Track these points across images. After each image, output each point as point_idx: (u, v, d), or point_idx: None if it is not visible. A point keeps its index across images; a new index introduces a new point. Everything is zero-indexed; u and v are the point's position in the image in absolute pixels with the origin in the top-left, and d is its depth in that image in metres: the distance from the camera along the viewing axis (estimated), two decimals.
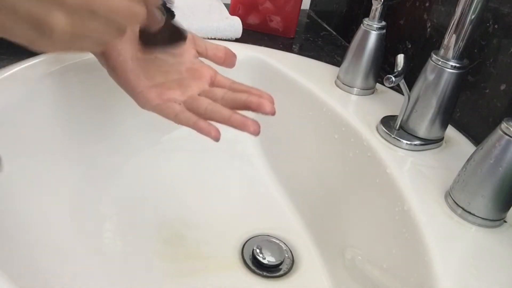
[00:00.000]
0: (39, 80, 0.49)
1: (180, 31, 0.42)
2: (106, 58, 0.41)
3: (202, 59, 0.46)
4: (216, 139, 0.39)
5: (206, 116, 0.40)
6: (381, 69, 0.58)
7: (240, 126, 0.38)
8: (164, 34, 0.40)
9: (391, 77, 0.44)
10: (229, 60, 0.47)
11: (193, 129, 0.39)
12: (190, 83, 0.42)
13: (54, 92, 0.51)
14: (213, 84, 0.43)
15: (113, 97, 0.57)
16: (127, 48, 0.41)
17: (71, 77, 0.52)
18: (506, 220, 0.40)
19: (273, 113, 0.39)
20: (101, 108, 0.56)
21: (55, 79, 0.50)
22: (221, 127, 0.40)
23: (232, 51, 0.47)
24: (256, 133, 0.38)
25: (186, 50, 0.44)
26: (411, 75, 0.48)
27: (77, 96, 0.53)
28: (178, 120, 0.40)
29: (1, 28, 0.26)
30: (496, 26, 0.47)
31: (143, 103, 0.41)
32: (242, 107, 0.40)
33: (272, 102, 0.39)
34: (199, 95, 0.42)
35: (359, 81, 0.57)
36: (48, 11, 0.25)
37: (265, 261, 0.52)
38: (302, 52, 0.71)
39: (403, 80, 0.46)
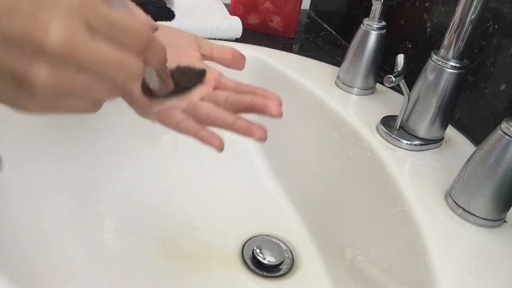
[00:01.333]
0: None
1: (195, 74, 0.39)
2: None
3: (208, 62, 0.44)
4: (220, 149, 0.36)
5: (208, 122, 0.37)
6: (381, 69, 0.58)
7: (245, 132, 0.36)
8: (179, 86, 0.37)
9: (391, 77, 0.44)
10: (237, 62, 0.44)
11: (195, 139, 0.36)
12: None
13: None
14: (217, 86, 0.41)
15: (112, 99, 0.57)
16: None
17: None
18: (506, 220, 0.40)
19: (280, 115, 0.35)
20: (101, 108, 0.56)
21: None
22: None
23: (240, 52, 0.44)
24: (263, 139, 0.35)
25: (188, 53, 0.41)
26: (411, 75, 0.48)
27: None
28: (179, 129, 0.37)
29: None
30: (496, 26, 0.47)
31: (142, 111, 0.38)
32: (247, 110, 0.37)
33: (279, 104, 0.36)
34: (201, 99, 0.39)
35: (359, 81, 0.57)
36: (28, 64, 0.22)
37: (265, 261, 0.52)
38: (302, 52, 0.71)
39: (403, 80, 0.46)
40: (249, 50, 0.65)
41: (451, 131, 0.52)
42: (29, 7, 0.21)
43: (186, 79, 0.38)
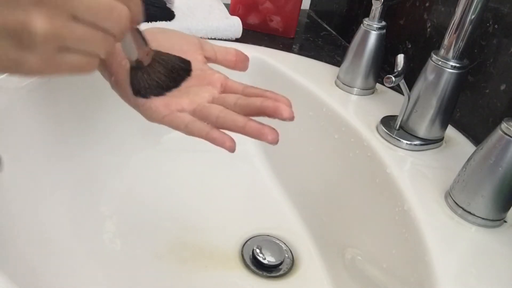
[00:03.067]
0: (37, 81, 0.49)
1: (182, 63, 0.38)
2: (108, 71, 0.39)
3: (212, 65, 0.43)
4: (231, 149, 0.35)
5: (218, 125, 0.36)
6: (381, 69, 0.58)
7: (256, 134, 0.35)
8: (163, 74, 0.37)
9: (391, 77, 0.44)
10: (241, 63, 0.43)
11: (206, 140, 0.35)
12: (199, 90, 0.39)
13: (54, 91, 0.51)
14: (224, 90, 0.40)
15: (112, 97, 0.57)
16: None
17: (72, 78, 0.52)
18: (506, 220, 0.40)
19: (291, 118, 0.35)
20: (100, 108, 0.56)
21: (56, 79, 0.50)
22: None
23: (244, 53, 0.44)
24: (275, 141, 0.35)
25: (193, 57, 0.41)
26: (411, 75, 0.48)
27: (77, 95, 0.53)
28: (188, 131, 0.36)
29: None
30: (496, 26, 0.47)
31: (150, 115, 0.38)
32: (257, 113, 0.36)
33: (290, 106, 0.35)
34: (210, 102, 0.38)
35: (359, 81, 0.57)
36: (26, 14, 0.23)
37: (265, 261, 0.52)
38: (302, 52, 0.71)
39: (403, 80, 0.46)
40: (249, 50, 0.65)
41: (451, 131, 0.52)
42: None
43: (170, 65, 0.37)
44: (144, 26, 0.36)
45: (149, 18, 0.63)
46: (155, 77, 0.37)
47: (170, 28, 0.43)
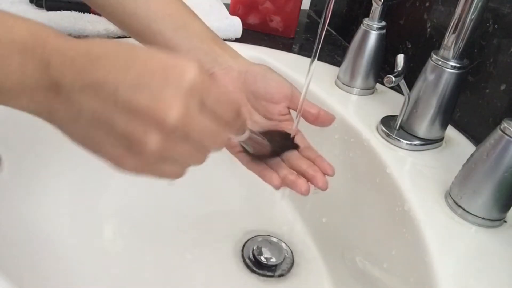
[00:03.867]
0: None
1: (287, 148, 0.43)
2: None
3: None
4: (277, 188, 0.41)
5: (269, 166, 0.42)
6: (381, 69, 0.58)
7: (291, 186, 0.40)
8: (273, 151, 0.41)
9: (391, 77, 0.44)
10: (321, 122, 0.46)
11: (258, 176, 0.42)
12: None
13: None
14: None
15: None
16: None
17: None
18: (506, 220, 0.40)
19: (325, 189, 0.41)
20: None
21: None
22: None
23: (327, 113, 0.45)
24: (306, 193, 0.40)
25: (277, 109, 0.44)
26: (411, 75, 0.48)
27: None
28: (249, 167, 0.43)
29: (89, 141, 0.27)
30: (496, 26, 0.47)
31: (226, 146, 0.42)
32: (299, 173, 0.41)
33: (331, 170, 0.42)
34: None
35: (359, 81, 0.57)
36: (145, 131, 0.25)
37: (265, 261, 0.52)
38: (302, 52, 0.71)
39: (403, 80, 0.46)
40: (249, 50, 0.65)
41: (451, 131, 0.52)
42: (156, 82, 0.25)
43: (278, 140, 0.42)
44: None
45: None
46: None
47: (272, 70, 0.45)
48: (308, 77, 0.42)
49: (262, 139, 0.39)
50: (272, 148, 0.40)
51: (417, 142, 0.48)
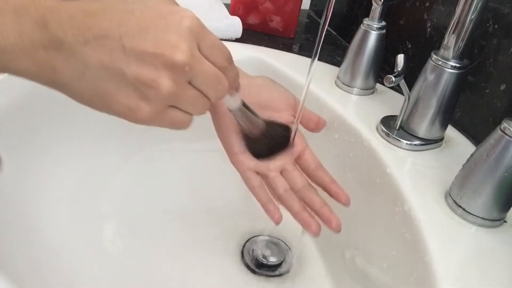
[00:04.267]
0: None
1: (285, 139, 0.43)
2: (214, 115, 0.43)
3: None
4: (276, 223, 0.42)
5: (279, 200, 0.43)
6: (381, 69, 0.58)
7: (303, 224, 0.42)
8: (268, 142, 0.41)
9: (391, 77, 0.44)
10: (318, 129, 0.48)
11: (262, 208, 0.43)
12: (278, 156, 0.44)
13: (54, 92, 0.51)
14: (300, 159, 0.45)
15: None
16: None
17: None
18: (506, 220, 0.40)
19: (338, 231, 0.41)
20: None
21: None
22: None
23: (324, 120, 0.48)
24: (316, 235, 0.41)
25: (284, 118, 0.44)
26: (411, 75, 0.48)
27: None
28: (253, 192, 0.44)
29: (99, 96, 0.27)
30: (496, 26, 0.47)
31: (234, 164, 0.44)
32: (313, 211, 0.42)
33: (346, 199, 0.43)
34: (282, 172, 0.44)
35: (359, 81, 0.57)
36: (157, 73, 0.26)
37: (265, 261, 0.52)
38: (302, 52, 0.71)
39: (403, 80, 0.46)
40: (249, 50, 0.65)
41: (451, 131, 0.52)
42: (158, 27, 0.26)
43: (275, 130, 0.42)
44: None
45: None
46: (260, 147, 0.42)
47: (274, 82, 0.46)
48: (308, 77, 0.42)
49: (255, 116, 0.39)
50: (266, 131, 0.40)
51: (417, 142, 0.48)
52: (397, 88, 0.59)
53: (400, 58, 0.46)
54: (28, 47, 0.26)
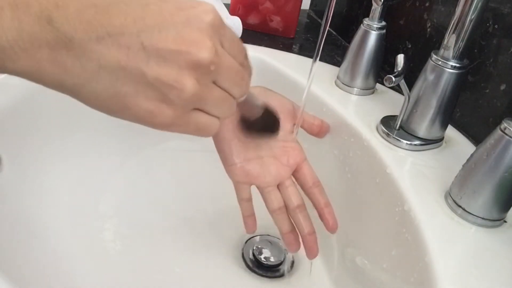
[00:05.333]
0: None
1: (277, 122, 0.43)
2: None
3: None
4: (248, 233, 0.47)
5: (271, 215, 0.44)
6: (381, 69, 0.58)
7: (286, 243, 0.44)
8: (262, 124, 0.41)
9: (391, 77, 0.44)
10: (322, 133, 0.49)
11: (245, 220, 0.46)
12: (275, 169, 0.44)
13: (54, 92, 0.51)
14: (297, 173, 0.45)
15: None
16: (229, 122, 0.42)
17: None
18: (506, 220, 0.40)
19: (314, 257, 0.45)
20: None
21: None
22: None
23: (327, 124, 0.49)
24: (293, 252, 0.45)
25: (283, 125, 0.44)
26: (411, 75, 0.48)
27: None
28: (240, 204, 0.45)
29: (116, 98, 0.25)
30: (496, 26, 0.47)
31: (230, 174, 0.44)
32: (300, 234, 0.44)
33: (334, 228, 0.45)
34: (279, 185, 0.44)
35: (359, 81, 0.57)
36: (180, 73, 0.24)
37: (265, 261, 0.52)
38: (302, 52, 0.71)
39: (403, 80, 0.46)
40: (249, 50, 0.65)
41: (451, 131, 0.52)
42: (178, 22, 0.24)
43: (270, 120, 0.41)
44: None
45: None
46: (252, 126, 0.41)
47: (270, 90, 0.46)
48: (310, 78, 0.42)
49: (256, 100, 0.38)
50: (262, 114, 0.40)
51: (417, 142, 0.48)
52: (397, 88, 0.59)
53: (400, 58, 0.46)
54: (29, 46, 0.23)
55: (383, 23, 0.55)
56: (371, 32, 0.55)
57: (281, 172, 0.44)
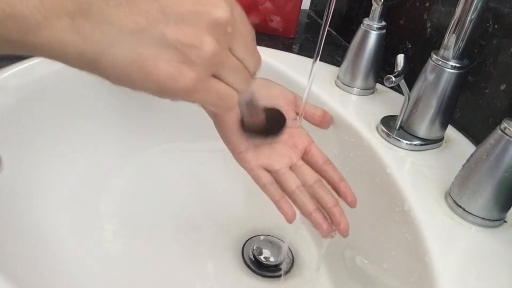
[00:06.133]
0: (38, 81, 0.49)
1: (281, 121, 0.42)
2: (213, 114, 0.42)
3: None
4: (290, 222, 0.41)
5: (290, 198, 0.41)
6: (381, 69, 0.58)
7: (316, 225, 0.41)
8: (266, 129, 0.41)
9: (391, 77, 0.44)
10: (325, 123, 0.48)
11: (274, 204, 0.41)
12: (283, 151, 0.43)
13: (53, 92, 0.51)
14: (307, 155, 0.44)
15: (112, 98, 0.57)
16: (234, 112, 0.41)
17: (71, 78, 0.52)
18: (506, 220, 0.40)
19: (345, 235, 0.41)
20: (100, 108, 0.56)
21: (55, 79, 0.51)
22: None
23: (330, 114, 0.48)
24: (326, 236, 0.40)
25: (286, 114, 0.43)
26: (411, 75, 0.48)
27: (77, 96, 0.53)
28: (264, 189, 0.42)
29: (137, 63, 0.25)
30: (496, 26, 0.47)
31: (241, 163, 0.42)
32: (324, 209, 0.41)
33: (354, 202, 0.42)
34: (291, 167, 0.43)
35: (359, 81, 0.57)
36: (199, 33, 0.25)
37: (265, 261, 0.52)
38: (302, 52, 0.71)
39: (403, 80, 0.46)
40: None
41: (451, 131, 0.52)
42: None
43: (273, 119, 0.41)
44: None
45: None
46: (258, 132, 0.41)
47: (271, 81, 0.46)
48: (310, 77, 0.42)
49: (259, 106, 0.38)
50: (266, 120, 0.40)
51: (417, 142, 0.48)
52: (397, 88, 0.59)
53: (400, 58, 0.46)
54: (50, 14, 0.23)
55: (383, 23, 0.55)
56: (371, 32, 0.55)
57: (291, 154, 0.43)
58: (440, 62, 0.45)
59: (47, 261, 0.44)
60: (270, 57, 0.64)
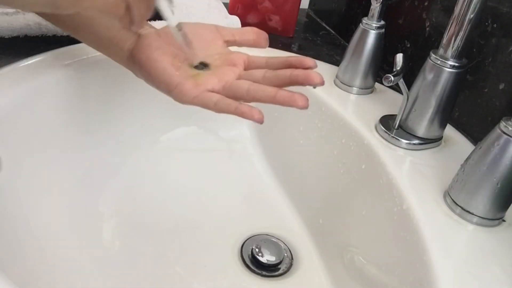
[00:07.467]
0: (39, 79, 0.49)
1: None
2: (138, 65, 0.41)
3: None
4: (260, 121, 0.35)
5: (249, 98, 0.37)
6: (380, 68, 0.58)
7: (288, 101, 0.35)
8: None
9: (390, 77, 0.44)
10: (261, 40, 0.45)
11: (235, 115, 0.36)
12: (225, 70, 0.41)
13: (53, 91, 0.51)
14: (248, 67, 0.42)
15: (111, 96, 0.57)
16: (153, 40, 0.41)
17: (71, 76, 0.52)
18: (505, 219, 0.40)
19: (322, 83, 0.36)
20: (99, 108, 0.56)
21: (54, 78, 0.50)
22: (220, 125, 0.39)
23: (261, 30, 0.45)
24: (305, 107, 0.35)
25: (212, 42, 0.43)
26: (410, 74, 0.48)
27: (76, 96, 0.53)
28: (218, 108, 0.37)
29: None
30: (495, 26, 0.47)
31: (180, 97, 0.39)
32: (288, 83, 0.37)
33: (316, 69, 0.37)
34: (237, 79, 0.40)
35: (358, 80, 0.57)
36: None
37: (264, 261, 0.52)
38: (301, 51, 0.71)
39: (402, 80, 0.46)
40: (248, 50, 0.65)
41: (450, 130, 0.52)
42: None
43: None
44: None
45: None
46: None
47: (189, 22, 0.44)
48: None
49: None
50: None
51: (416, 141, 0.48)
52: (396, 88, 0.59)
53: (399, 58, 0.46)
54: None
55: (382, 22, 0.55)
56: (370, 31, 0.55)
57: (233, 70, 0.41)
58: (439, 62, 0.45)
59: (47, 261, 0.44)
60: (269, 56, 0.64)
